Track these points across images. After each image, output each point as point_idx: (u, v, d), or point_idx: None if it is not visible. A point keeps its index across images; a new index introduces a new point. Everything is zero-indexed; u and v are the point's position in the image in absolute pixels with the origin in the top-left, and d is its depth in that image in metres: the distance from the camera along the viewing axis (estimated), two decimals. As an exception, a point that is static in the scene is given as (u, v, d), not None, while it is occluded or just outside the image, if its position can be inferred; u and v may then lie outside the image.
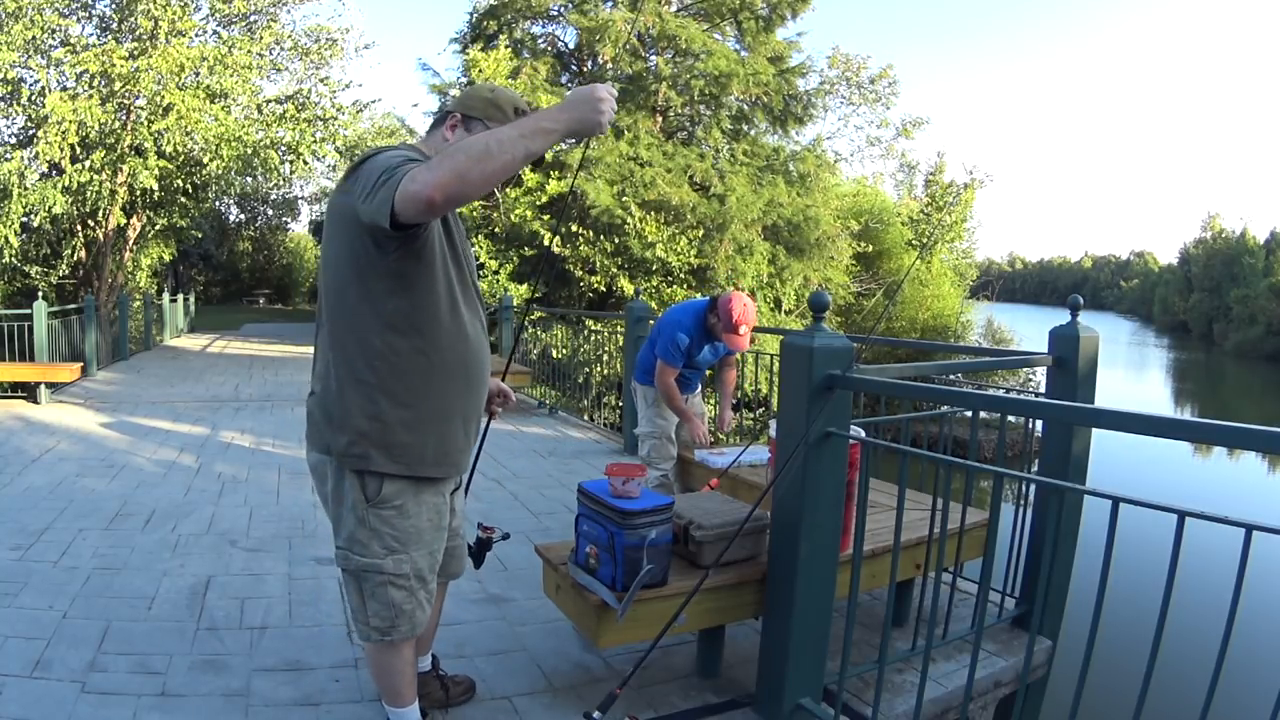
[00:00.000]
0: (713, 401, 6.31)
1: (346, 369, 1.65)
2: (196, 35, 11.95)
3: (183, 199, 13.70)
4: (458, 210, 1.71)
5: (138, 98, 11.22)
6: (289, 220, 34.91)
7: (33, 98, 10.98)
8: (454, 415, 1.74)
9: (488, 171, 1.36)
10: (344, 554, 1.72)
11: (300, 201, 33.36)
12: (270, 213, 33.69)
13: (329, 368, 1.69)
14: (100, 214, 12.17)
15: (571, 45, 15.22)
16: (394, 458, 1.66)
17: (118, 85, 10.72)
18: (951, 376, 3.77)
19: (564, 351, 9.26)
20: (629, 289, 12.02)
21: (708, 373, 4.00)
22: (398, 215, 1.41)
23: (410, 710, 1.90)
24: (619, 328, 7.01)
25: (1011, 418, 2.77)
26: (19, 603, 2.76)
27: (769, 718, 2.15)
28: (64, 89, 10.95)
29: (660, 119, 14.15)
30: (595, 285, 12.61)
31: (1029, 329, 16.44)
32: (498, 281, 11.95)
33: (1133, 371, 30.75)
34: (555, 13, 14.63)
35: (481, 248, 12.30)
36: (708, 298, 3.58)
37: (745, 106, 14.66)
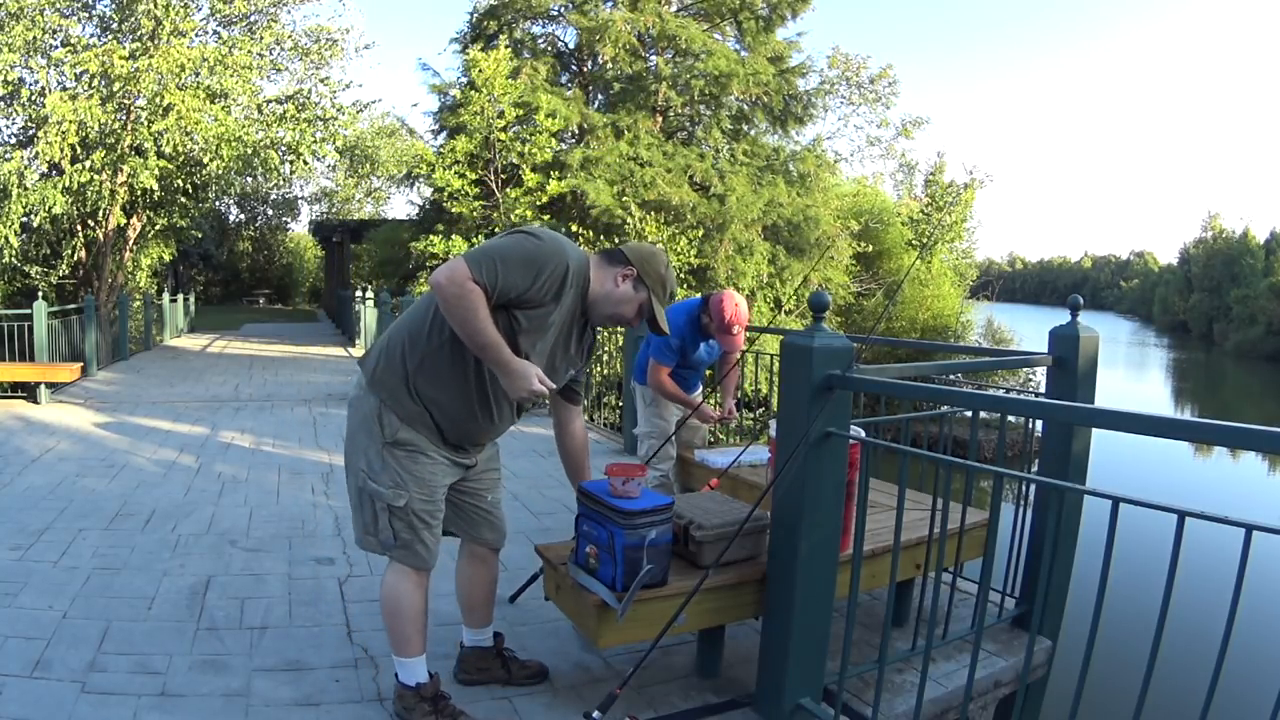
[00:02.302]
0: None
1: (409, 330, 1.99)
2: (197, 35, 11.94)
3: (183, 199, 13.70)
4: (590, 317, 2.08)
5: (138, 98, 11.22)
6: (289, 220, 34.97)
7: (33, 98, 10.98)
8: (462, 413, 2.00)
9: (454, 316, 1.84)
10: (362, 476, 2.00)
11: (300, 201, 33.45)
12: (270, 213, 33.72)
13: (400, 324, 2.04)
14: (100, 214, 12.17)
15: (571, 45, 15.22)
16: (407, 415, 1.96)
17: (117, 85, 10.72)
18: (951, 376, 3.77)
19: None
20: (629, 289, 12.00)
21: (708, 373, 4.00)
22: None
23: (417, 661, 2.05)
24: (619, 328, 7.01)
25: (1011, 418, 2.77)
26: (19, 603, 2.76)
27: (769, 718, 2.15)
28: (64, 89, 10.94)
29: (660, 119, 14.16)
30: (595, 285, 12.59)
31: (1029, 329, 16.43)
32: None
33: (1133, 371, 30.75)
34: (555, 13, 14.64)
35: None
36: (700, 296, 3.57)
37: (745, 106, 14.67)
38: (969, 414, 2.09)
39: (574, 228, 12.44)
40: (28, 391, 7.40)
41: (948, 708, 2.33)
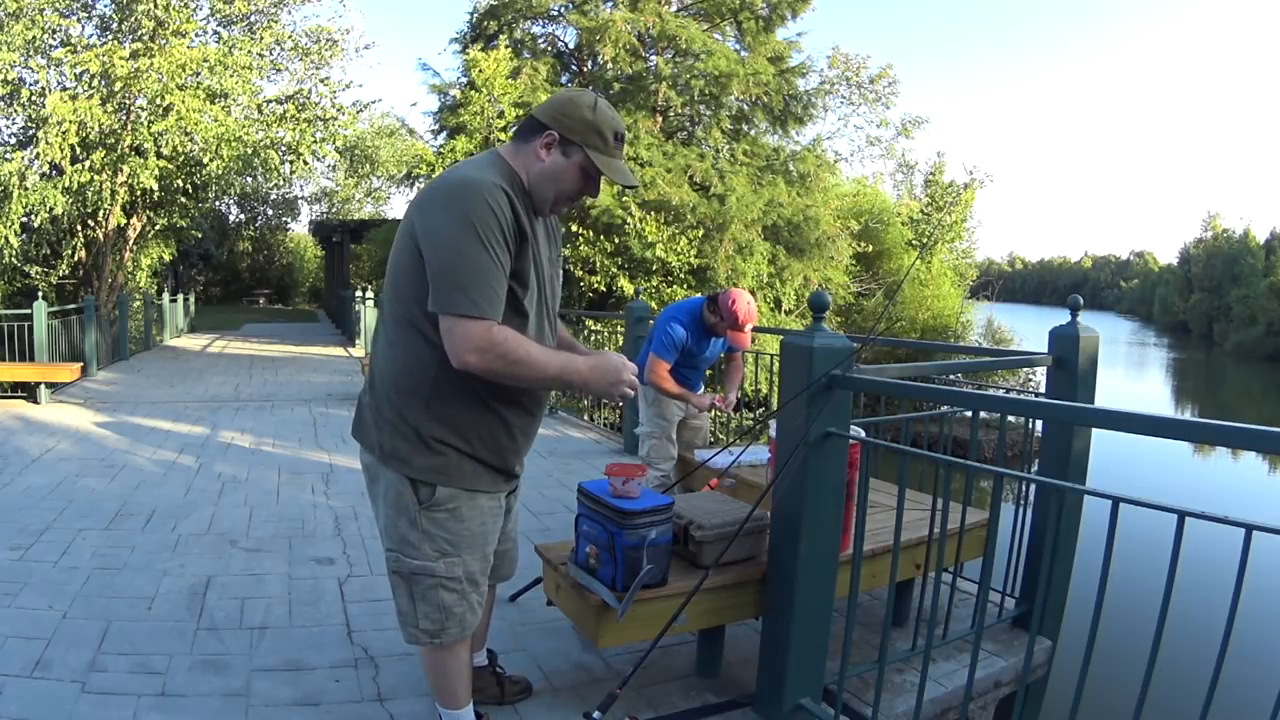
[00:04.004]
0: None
1: (394, 380, 1.68)
2: (197, 36, 11.94)
3: (183, 199, 13.70)
4: (549, 226, 1.79)
5: (138, 98, 11.22)
6: (289, 220, 34.99)
7: (33, 98, 10.98)
8: (499, 432, 1.72)
9: (510, 378, 1.57)
10: (395, 556, 1.70)
11: (300, 201, 33.47)
12: (270, 213, 33.73)
13: (381, 374, 1.71)
14: (100, 214, 12.17)
15: (571, 45, 15.23)
16: (438, 472, 1.66)
17: (118, 86, 10.71)
18: (951, 376, 3.77)
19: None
20: (629, 289, 12.02)
21: (708, 372, 4.00)
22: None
23: (465, 712, 1.89)
24: (619, 328, 7.01)
25: (1011, 418, 2.77)
26: (19, 603, 2.76)
27: (769, 718, 2.15)
28: (64, 89, 10.94)
29: (660, 119, 14.15)
30: (595, 285, 12.61)
31: (1029, 329, 16.43)
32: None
33: (1133, 371, 30.74)
34: (555, 13, 14.64)
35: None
36: (704, 295, 3.57)
37: (745, 106, 14.67)
38: (969, 414, 2.09)
39: (574, 228, 12.44)
40: (28, 391, 7.40)
41: (948, 708, 2.33)
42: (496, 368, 1.52)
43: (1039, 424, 2.94)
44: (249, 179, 15.30)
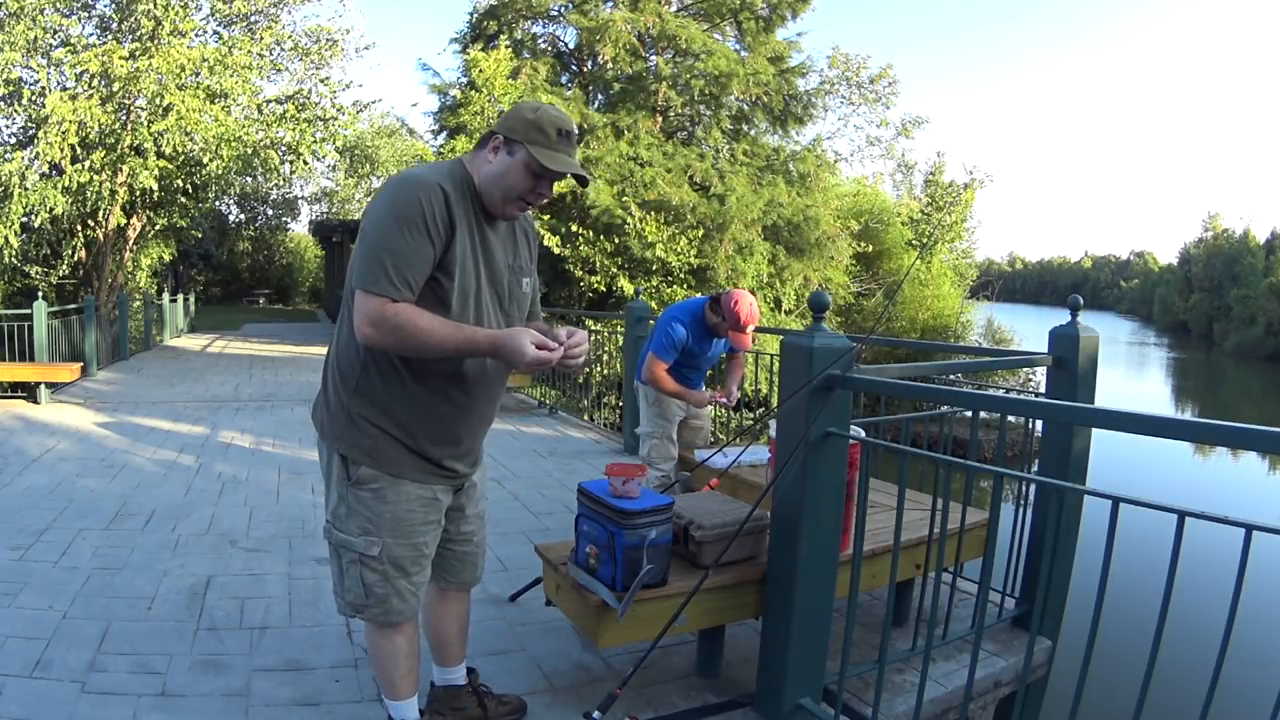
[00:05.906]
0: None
1: (337, 365, 1.78)
2: (197, 36, 11.94)
3: (183, 199, 13.68)
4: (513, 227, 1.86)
5: (138, 98, 11.21)
6: (289, 220, 34.92)
7: (33, 98, 10.97)
8: (427, 421, 1.75)
9: (411, 351, 1.64)
10: (328, 527, 1.81)
11: (300, 201, 33.44)
12: (270, 213, 33.68)
13: (331, 360, 1.81)
14: (100, 214, 12.15)
15: (572, 45, 15.23)
16: (364, 452, 1.74)
17: (117, 86, 10.71)
18: (951, 376, 3.77)
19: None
20: (629, 289, 12.01)
21: (709, 371, 4.01)
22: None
23: (406, 705, 1.91)
24: (619, 328, 7.01)
25: (1011, 418, 2.77)
26: (19, 603, 2.76)
27: (769, 718, 2.15)
28: (64, 89, 10.93)
29: (660, 119, 14.15)
30: (595, 285, 12.60)
31: (1029, 329, 16.44)
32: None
33: (1133, 371, 30.74)
34: (555, 13, 14.64)
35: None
36: (706, 295, 3.57)
37: (745, 106, 14.67)
38: (969, 414, 2.09)
39: (574, 227, 12.44)
40: (28, 391, 7.39)
41: (948, 708, 2.33)
42: (390, 341, 1.60)
43: (1039, 424, 2.94)
44: (249, 179, 15.30)
